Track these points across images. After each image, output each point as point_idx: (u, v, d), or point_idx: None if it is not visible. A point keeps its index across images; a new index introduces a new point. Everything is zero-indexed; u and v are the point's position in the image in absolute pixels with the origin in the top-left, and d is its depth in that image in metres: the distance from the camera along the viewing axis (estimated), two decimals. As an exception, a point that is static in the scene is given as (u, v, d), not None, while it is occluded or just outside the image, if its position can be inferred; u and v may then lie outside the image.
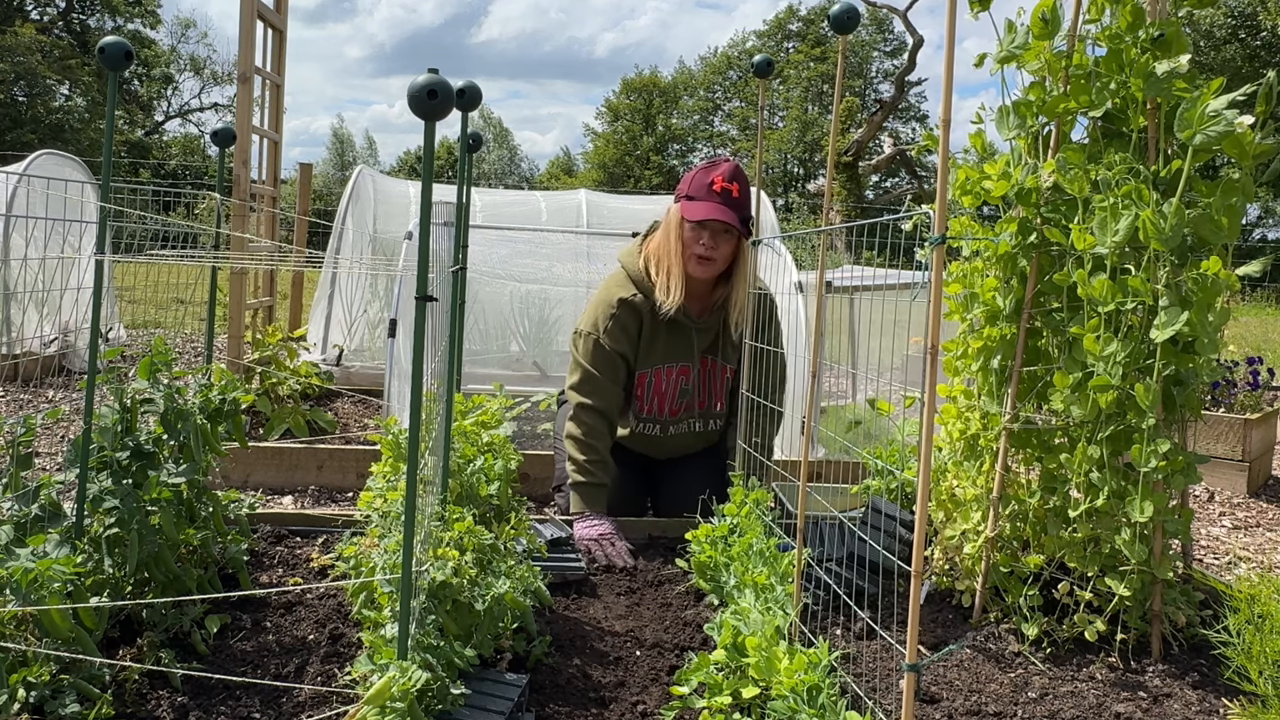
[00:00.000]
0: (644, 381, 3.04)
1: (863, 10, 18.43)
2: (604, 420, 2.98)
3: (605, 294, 3.02)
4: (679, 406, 3.09)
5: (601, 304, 3.00)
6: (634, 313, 2.96)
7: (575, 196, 6.41)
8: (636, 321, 2.97)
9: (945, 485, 2.51)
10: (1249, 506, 4.04)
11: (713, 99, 45.28)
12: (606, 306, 2.98)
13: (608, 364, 2.97)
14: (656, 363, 3.02)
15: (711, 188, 2.80)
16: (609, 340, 2.95)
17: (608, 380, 2.98)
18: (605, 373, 2.97)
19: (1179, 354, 2.08)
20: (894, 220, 1.92)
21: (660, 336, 3.00)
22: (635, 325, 2.97)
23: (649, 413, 3.08)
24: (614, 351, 2.96)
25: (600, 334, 2.96)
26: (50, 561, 1.66)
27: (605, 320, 2.96)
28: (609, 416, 3.00)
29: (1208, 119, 1.96)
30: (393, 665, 1.50)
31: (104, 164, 1.90)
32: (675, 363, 3.03)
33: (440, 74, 1.41)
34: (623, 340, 2.96)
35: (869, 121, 22.82)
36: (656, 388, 3.04)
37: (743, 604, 1.96)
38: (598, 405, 2.95)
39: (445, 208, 2.31)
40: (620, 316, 2.95)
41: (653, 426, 3.11)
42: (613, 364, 2.98)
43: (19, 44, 29.54)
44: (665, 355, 3.02)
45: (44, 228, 5.36)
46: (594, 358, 2.97)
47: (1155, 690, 1.99)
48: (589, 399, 2.96)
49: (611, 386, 2.99)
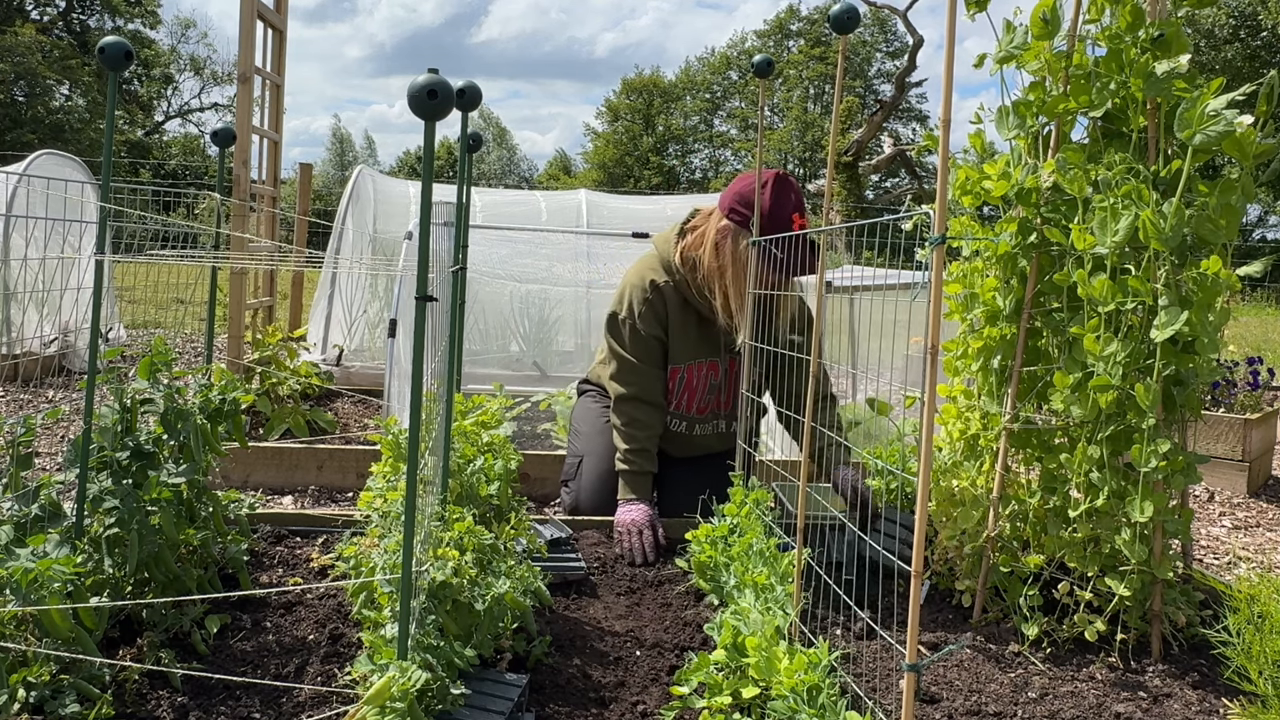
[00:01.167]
0: (675, 376, 3.00)
1: (863, 10, 18.40)
2: (644, 407, 2.94)
3: (638, 276, 2.97)
4: (706, 405, 3.05)
5: (634, 286, 2.95)
6: (664, 298, 2.92)
7: (575, 196, 6.42)
8: (664, 306, 2.93)
9: (945, 485, 2.51)
10: (1249, 506, 4.04)
11: (713, 99, 45.29)
12: (639, 289, 2.93)
13: (643, 348, 2.93)
14: (689, 358, 2.98)
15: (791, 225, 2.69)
16: (643, 324, 2.91)
17: (645, 365, 2.94)
18: (642, 358, 2.93)
19: (1179, 354, 2.08)
20: (894, 220, 1.92)
21: (691, 328, 2.96)
22: (665, 310, 2.93)
23: (677, 408, 3.04)
24: (649, 335, 2.92)
25: (635, 317, 2.92)
26: (50, 561, 1.66)
27: (639, 304, 2.92)
28: (649, 401, 2.96)
29: (1207, 119, 1.96)
30: (393, 665, 1.50)
31: (104, 164, 1.90)
32: (705, 358, 3.00)
33: (440, 74, 1.41)
34: (654, 324, 2.92)
35: (869, 121, 22.83)
36: (688, 383, 3.00)
37: (743, 604, 1.96)
38: (634, 393, 2.93)
39: (445, 208, 2.31)
40: (653, 299, 2.91)
41: (679, 423, 3.07)
42: (648, 347, 2.93)
43: (19, 44, 29.54)
44: (697, 350, 2.98)
45: (44, 228, 5.36)
46: (629, 342, 2.93)
47: (1155, 690, 1.99)
48: (625, 388, 2.94)
49: (650, 371, 2.95)
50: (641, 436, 2.91)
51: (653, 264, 2.98)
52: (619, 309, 2.97)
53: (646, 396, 2.94)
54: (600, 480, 3.03)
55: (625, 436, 2.92)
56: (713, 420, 3.09)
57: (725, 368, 3.03)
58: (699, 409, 3.05)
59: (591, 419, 3.18)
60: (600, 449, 3.08)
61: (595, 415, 3.19)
